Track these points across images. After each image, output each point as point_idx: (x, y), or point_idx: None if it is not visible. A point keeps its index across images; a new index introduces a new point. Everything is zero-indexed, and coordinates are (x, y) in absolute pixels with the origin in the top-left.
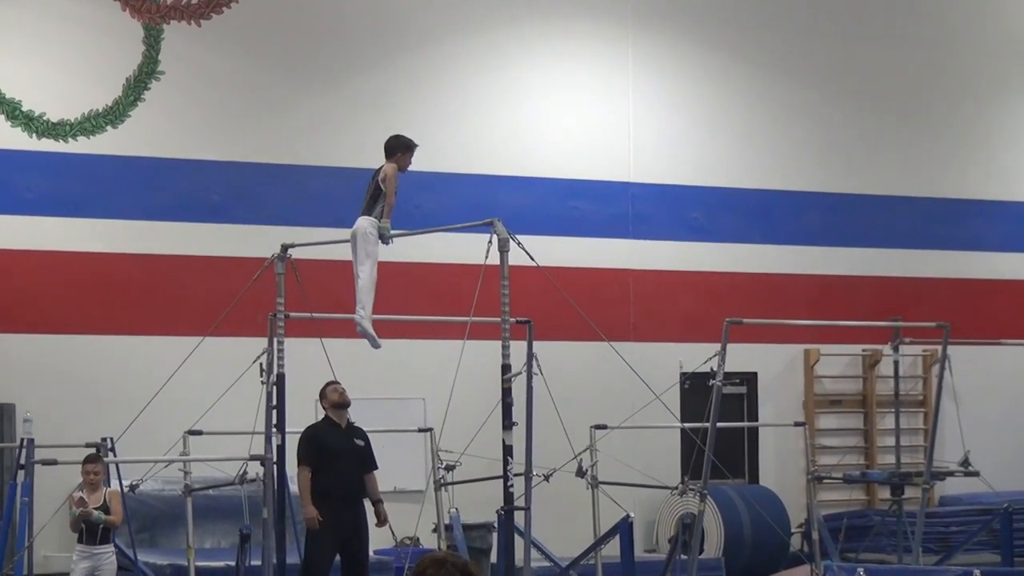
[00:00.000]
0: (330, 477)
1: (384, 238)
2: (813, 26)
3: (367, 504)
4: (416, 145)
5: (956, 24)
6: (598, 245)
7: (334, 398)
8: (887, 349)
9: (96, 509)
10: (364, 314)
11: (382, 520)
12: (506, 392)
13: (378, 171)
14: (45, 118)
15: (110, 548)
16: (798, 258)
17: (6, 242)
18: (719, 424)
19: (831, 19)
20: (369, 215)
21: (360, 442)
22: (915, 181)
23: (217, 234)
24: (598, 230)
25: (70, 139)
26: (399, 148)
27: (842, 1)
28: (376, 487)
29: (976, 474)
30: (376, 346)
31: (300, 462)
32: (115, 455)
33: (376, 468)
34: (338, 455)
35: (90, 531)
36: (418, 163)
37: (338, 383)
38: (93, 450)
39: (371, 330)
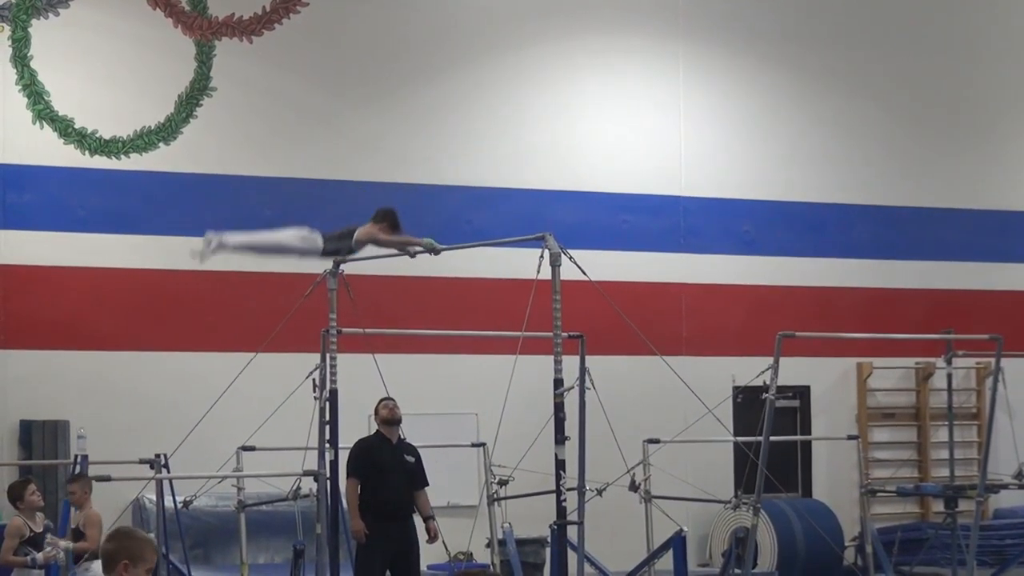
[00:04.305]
0: (379, 492)
1: (435, 250)
2: (864, 39)
3: (418, 520)
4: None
5: (1008, 36)
6: (649, 259)
7: (384, 414)
8: (940, 362)
9: (63, 542)
10: (230, 240)
11: (433, 536)
12: (558, 407)
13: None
14: (98, 135)
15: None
16: (850, 271)
17: (59, 259)
18: (772, 438)
19: (881, 32)
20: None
21: (410, 458)
22: (967, 193)
23: None
24: (649, 244)
25: (122, 156)
26: (387, 219)
27: (893, 14)
28: (427, 503)
29: None
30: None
31: (348, 475)
32: (168, 471)
33: (427, 485)
34: (388, 470)
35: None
36: (469, 178)
37: (390, 399)
38: (147, 466)
39: (210, 247)
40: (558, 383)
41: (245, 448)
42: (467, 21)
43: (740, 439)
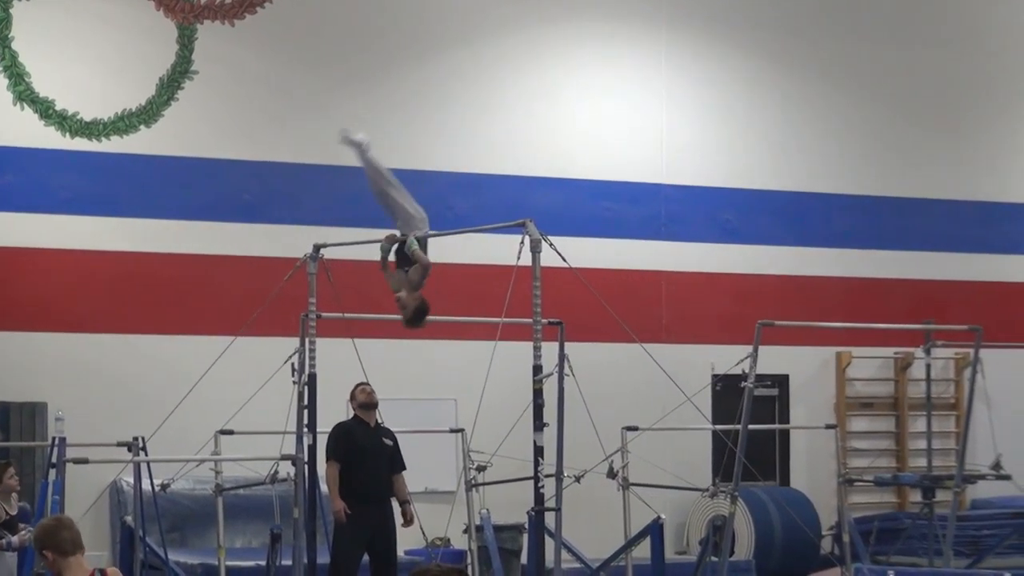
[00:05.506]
0: (358, 476)
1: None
2: (847, 29)
3: (395, 504)
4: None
5: (992, 27)
6: (630, 246)
7: (362, 398)
8: (919, 352)
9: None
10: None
11: (408, 520)
12: (537, 393)
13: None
14: (78, 117)
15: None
16: (831, 260)
17: (39, 241)
18: (751, 426)
19: (865, 22)
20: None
21: (388, 442)
22: (949, 183)
23: (249, 234)
24: (630, 231)
25: (103, 138)
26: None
27: (877, 4)
28: (404, 488)
29: (1008, 477)
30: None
31: (328, 457)
32: (146, 454)
33: (404, 469)
34: (366, 454)
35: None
36: (451, 164)
37: (367, 384)
38: (125, 449)
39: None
40: (537, 370)
41: (223, 432)
42: (450, 5)
43: (719, 427)
